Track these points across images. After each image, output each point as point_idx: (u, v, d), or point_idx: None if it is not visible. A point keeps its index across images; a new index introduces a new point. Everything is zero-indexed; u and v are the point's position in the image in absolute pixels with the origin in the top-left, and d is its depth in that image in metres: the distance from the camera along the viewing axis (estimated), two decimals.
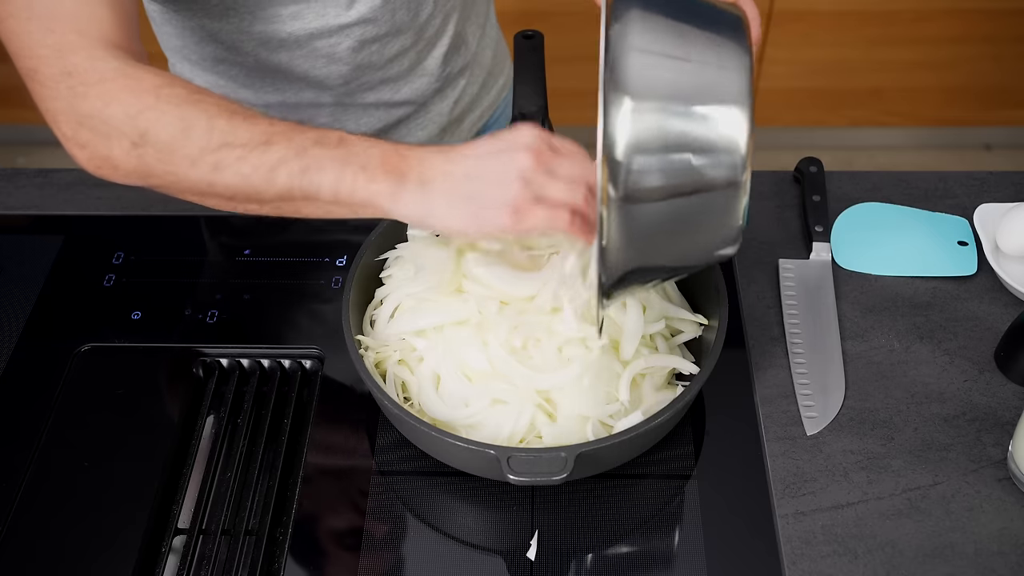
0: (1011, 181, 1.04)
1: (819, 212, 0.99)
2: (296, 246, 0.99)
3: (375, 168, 0.69)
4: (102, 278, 0.97)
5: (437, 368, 0.80)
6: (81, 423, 0.85)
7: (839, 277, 0.96)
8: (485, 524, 0.79)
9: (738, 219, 0.64)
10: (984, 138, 2.46)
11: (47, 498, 0.80)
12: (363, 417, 0.86)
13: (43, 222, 1.03)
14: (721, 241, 0.66)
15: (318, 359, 0.90)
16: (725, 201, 0.63)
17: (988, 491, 0.80)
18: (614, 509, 0.79)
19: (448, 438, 0.74)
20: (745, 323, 0.92)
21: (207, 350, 0.91)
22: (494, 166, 0.68)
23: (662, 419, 0.75)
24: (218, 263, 0.98)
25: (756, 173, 1.06)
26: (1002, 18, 2.11)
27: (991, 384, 0.87)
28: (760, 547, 0.77)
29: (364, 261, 0.86)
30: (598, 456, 0.75)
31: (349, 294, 0.83)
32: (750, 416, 0.85)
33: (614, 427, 0.77)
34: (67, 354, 0.90)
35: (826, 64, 2.21)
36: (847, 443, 0.83)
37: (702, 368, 0.78)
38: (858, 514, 0.78)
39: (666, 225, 0.64)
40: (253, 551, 0.78)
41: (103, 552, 0.77)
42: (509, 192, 0.67)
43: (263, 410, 0.87)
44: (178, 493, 0.82)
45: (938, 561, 0.76)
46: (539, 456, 0.72)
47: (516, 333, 0.79)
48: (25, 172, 1.08)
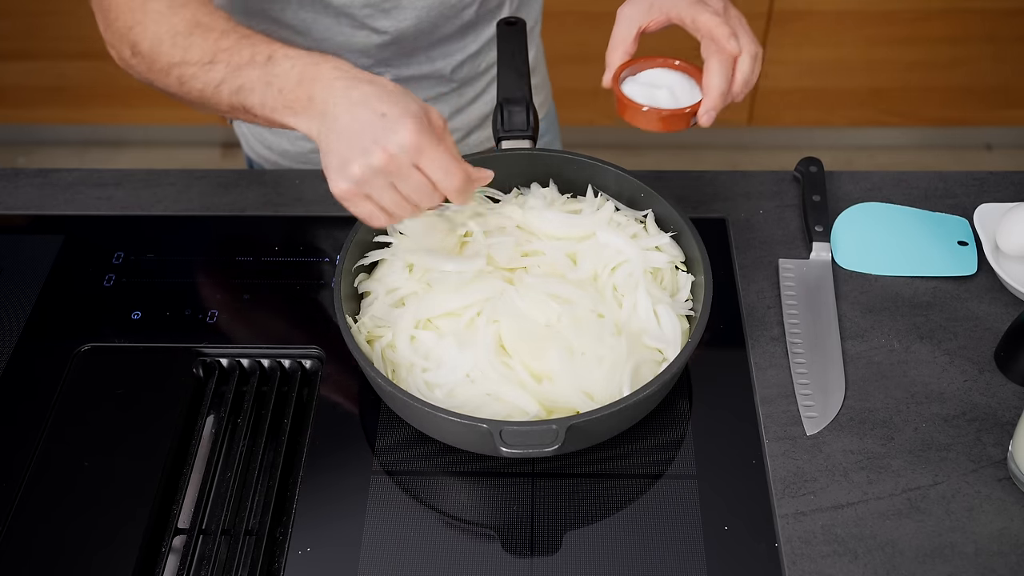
0: (1011, 181, 1.04)
1: (819, 212, 0.99)
2: (296, 246, 0.99)
3: (290, 91, 0.75)
4: (102, 278, 0.97)
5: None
6: (81, 423, 0.85)
7: (839, 277, 0.96)
8: (485, 524, 0.79)
9: None
10: (984, 138, 2.46)
11: (47, 498, 0.80)
12: (363, 417, 0.86)
13: (43, 222, 1.03)
14: None
15: (318, 359, 0.90)
16: None
17: (988, 491, 0.80)
18: (614, 510, 0.79)
19: (441, 413, 0.74)
20: (745, 323, 0.92)
21: (207, 350, 0.91)
22: (366, 133, 0.72)
23: (650, 391, 0.75)
24: (218, 263, 0.98)
25: (756, 173, 1.06)
26: (1002, 18, 2.11)
27: (991, 384, 0.87)
28: (760, 547, 0.77)
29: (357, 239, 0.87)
30: (589, 428, 0.75)
31: (343, 264, 0.84)
32: (750, 416, 0.85)
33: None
34: (67, 354, 0.90)
35: (826, 64, 2.21)
36: (847, 443, 0.83)
37: (691, 336, 0.79)
38: (858, 514, 0.78)
39: None
40: (253, 551, 0.78)
41: (103, 552, 0.77)
42: (353, 171, 0.72)
43: (263, 410, 0.87)
44: (178, 493, 0.82)
45: (938, 561, 0.76)
46: (531, 428, 0.72)
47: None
48: (25, 172, 1.09)
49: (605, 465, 0.82)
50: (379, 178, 0.73)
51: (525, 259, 0.87)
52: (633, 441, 0.83)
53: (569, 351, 0.80)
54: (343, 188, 0.74)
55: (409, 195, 0.74)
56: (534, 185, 0.94)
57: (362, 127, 0.72)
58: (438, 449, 0.83)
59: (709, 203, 1.03)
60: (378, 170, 0.72)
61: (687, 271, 0.88)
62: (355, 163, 0.72)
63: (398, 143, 0.72)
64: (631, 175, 0.91)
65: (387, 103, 0.73)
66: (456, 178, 0.74)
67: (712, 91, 0.82)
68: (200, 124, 2.49)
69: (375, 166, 0.72)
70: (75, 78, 2.34)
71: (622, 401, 0.75)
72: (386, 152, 0.72)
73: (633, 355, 0.80)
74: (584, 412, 0.75)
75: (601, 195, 0.93)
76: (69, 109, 2.42)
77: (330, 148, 0.74)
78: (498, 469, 0.82)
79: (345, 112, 0.73)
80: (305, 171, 1.08)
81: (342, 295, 0.83)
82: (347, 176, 0.73)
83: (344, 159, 0.73)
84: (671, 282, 0.88)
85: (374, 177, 0.73)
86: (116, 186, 1.07)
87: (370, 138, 0.72)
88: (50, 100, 2.40)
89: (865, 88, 2.26)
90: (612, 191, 0.93)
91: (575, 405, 0.78)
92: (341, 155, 0.73)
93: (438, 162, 0.73)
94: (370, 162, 0.72)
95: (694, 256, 0.86)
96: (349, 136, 0.72)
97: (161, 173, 1.08)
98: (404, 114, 0.72)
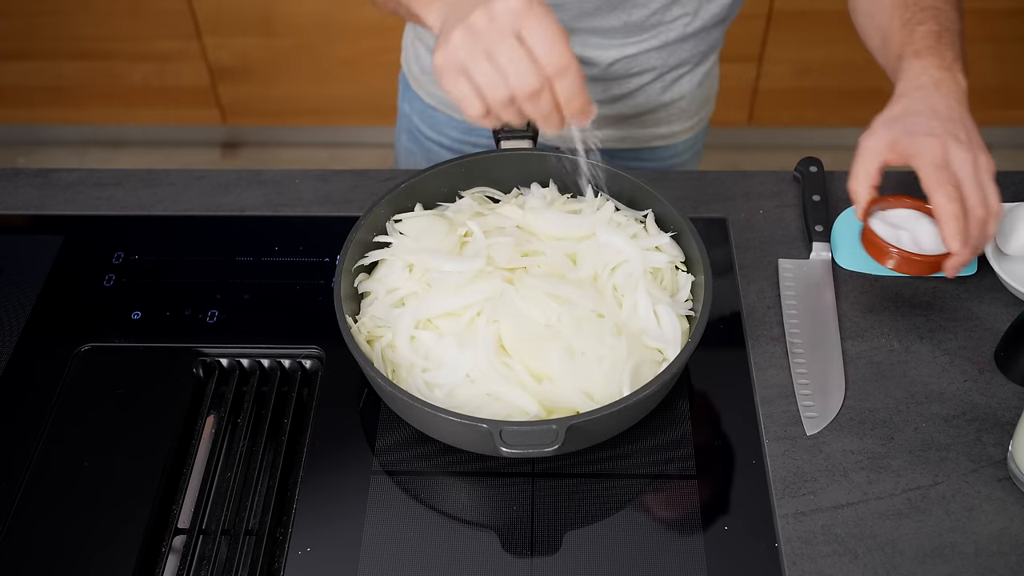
0: (1011, 181, 1.04)
1: (819, 212, 0.99)
2: (296, 246, 0.99)
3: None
4: (102, 278, 0.97)
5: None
6: (81, 423, 0.85)
7: (839, 277, 0.96)
8: (485, 524, 0.79)
9: None
10: (984, 138, 2.44)
11: (47, 498, 0.80)
12: (363, 417, 0.86)
13: (43, 222, 1.03)
14: None
15: (318, 359, 0.90)
16: None
17: (988, 491, 0.80)
18: (614, 510, 0.79)
19: (441, 413, 0.74)
20: (745, 323, 0.92)
21: (207, 350, 0.91)
22: (466, 8, 0.72)
23: (650, 391, 0.75)
24: (218, 263, 0.98)
25: (756, 173, 1.06)
26: (1002, 18, 2.11)
27: (991, 384, 0.87)
28: (760, 547, 0.77)
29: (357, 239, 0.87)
30: (589, 428, 0.75)
31: (343, 264, 0.84)
32: (750, 416, 0.85)
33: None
34: (67, 354, 0.90)
35: (826, 64, 2.21)
36: (847, 443, 0.83)
37: (691, 336, 0.79)
38: (858, 514, 0.78)
39: None
40: (253, 551, 0.78)
41: (103, 552, 0.77)
42: (453, 37, 0.72)
43: (263, 410, 0.87)
44: (178, 493, 0.82)
45: (938, 561, 0.76)
46: (531, 428, 0.72)
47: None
48: (25, 172, 1.09)
49: (605, 465, 0.82)
50: (478, 43, 0.71)
51: (525, 259, 0.87)
52: (633, 441, 0.83)
53: (569, 351, 0.80)
54: (440, 61, 0.72)
55: (505, 68, 0.71)
56: (534, 185, 0.94)
57: (468, 3, 0.72)
58: (438, 449, 0.83)
59: (709, 203, 1.03)
60: (478, 32, 0.71)
61: (687, 271, 0.88)
62: (456, 28, 0.71)
63: (503, 4, 0.70)
64: (631, 175, 0.91)
65: None
66: (560, 53, 0.71)
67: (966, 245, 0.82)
68: (200, 124, 2.49)
69: (475, 27, 0.70)
70: (75, 78, 2.34)
71: (622, 401, 0.75)
72: (488, 13, 0.70)
73: (633, 355, 0.80)
74: (584, 412, 0.75)
75: (601, 195, 0.93)
76: (69, 109, 2.43)
77: (446, 23, 0.73)
78: (498, 469, 0.82)
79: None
80: (305, 171, 1.08)
81: (342, 295, 0.83)
82: (446, 44, 0.72)
83: (448, 27, 0.72)
84: (671, 282, 0.88)
85: (473, 42, 0.71)
86: (116, 186, 1.07)
87: (476, 2, 0.71)
88: (50, 100, 2.40)
89: (865, 88, 2.25)
90: (612, 191, 0.93)
91: (575, 405, 0.78)
92: (448, 25, 0.72)
93: (541, 32, 0.71)
94: (470, 23, 0.71)
95: (694, 256, 0.86)
96: (460, 5, 0.72)
97: (161, 173, 1.08)
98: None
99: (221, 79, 2.34)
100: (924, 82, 0.85)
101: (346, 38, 2.25)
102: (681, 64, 1.12)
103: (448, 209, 0.92)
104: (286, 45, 2.27)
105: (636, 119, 1.20)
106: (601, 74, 1.11)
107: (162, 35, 2.24)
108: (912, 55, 0.87)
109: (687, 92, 1.18)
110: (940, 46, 0.87)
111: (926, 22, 0.89)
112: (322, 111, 2.43)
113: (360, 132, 2.53)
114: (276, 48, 2.27)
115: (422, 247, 0.87)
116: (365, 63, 2.28)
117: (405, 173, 1.05)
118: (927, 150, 0.81)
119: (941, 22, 0.89)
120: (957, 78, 0.86)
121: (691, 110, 1.22)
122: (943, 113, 0.83)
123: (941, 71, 0.85)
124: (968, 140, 0.82)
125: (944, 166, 0.81)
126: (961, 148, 0.81)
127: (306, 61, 2.30)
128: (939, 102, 0.84)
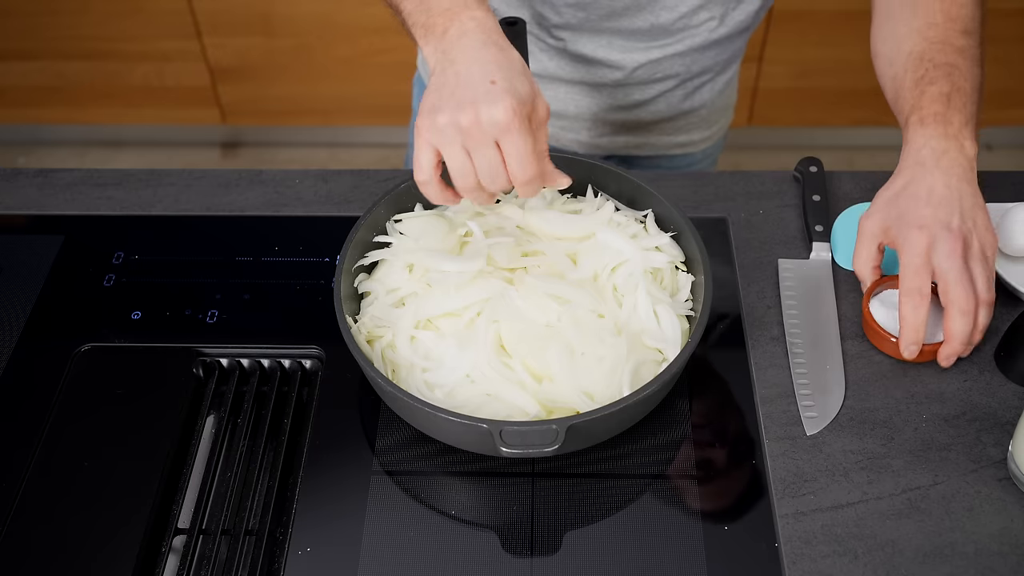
0: (1011, 181, 1.04)
1: (819, 212, 0.99)
2: (296, 246, 0.99)
3: (434, 16, 0.78)
4: (102, 278, 0.97)
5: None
6: (81, 423, 0.85)
7: (839, 277, 0.96)
8: (485, 524, 0.79)
9: None
10: (984, 138, 2.46)
11: (47, 498, 0.80)
12: (363, 417, 0.86)
13: (43, 222, 1.03)
14: None
15: (318, 359, 0.90)
16: None
17: (988, 491, 0.80)
18: (614, 510, 0.79)
19: (441, 413, 0.74)
20: (745, 323, 0.92)
21: (207, 350, 0.91)
22: (468, 91, 0.73)
23: (650, 391, 0.75)
24: (218, 263, 0.98)
25: (756, 173, 1.06)
26: (1002, 18, 2.12)
27: (991, 384, 0.87)
28: (760, 547, 0.77)
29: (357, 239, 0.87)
30: (589, 428, 0.75)
31: (343, 264, 0.84)
32: (750, 416, 0.85)
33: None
34: (67, 354, 0.90)
35: (826, 64, 2.21)
36: (847, 443, 0.83)
37: (691, 336, 0.80)
38: (858, 514, 0.78)
39: None
40: (253, 551, 0.78)
41: (103, 552, 0.77)
42: (439, 119, 0.73)
43: (263, 410, 0.87)
44: (178, 493, 0.82)
45: (938, 561, 0.76)
46: (531, 428, 0.72)
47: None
48: (25, 172, 1.09)
49: (605, 465, 0.82)
50: (457, 137, 0.73)
51: (525, 259, 0.87)
52: (633, 441, 0.83)
53: (569, 351, 0.80)
54: (421, 125, 0.75)
55: (478, 165, 0.75)
56: None
57: (468, 84, 0.73)
58: (438, 449, 0.83)
59: (709, 203, 1.03)
60: (461, 129, 0.73)
61: (687, 271, 0.89)
62: (444, 112, 0.73)
63: (490, 115, 0.72)
64: (631, 175, 0.91)
65: (502, 74, 0.73)
66: (528, 171, 0.75)
67: (953, 338, 0.82)
68: (200, 124, 2.49)
69: (460, 124, 0.73)
70: (75, 78, 2.34)
71: (622, 401, 0.75)
72: (476, 117, 0.72)
73: (633, 355, 0.80)
74: (584, 412, 0.75)
75: (601, 195, 0.93)
76: (69, 109, 2.43)
77: (434, 86, 0.75)
78: (498, 469, 0.82)
79: (463, 63, 0.74)
80: (305, 171, 1.08)
81: (342, 295, 0.83)
82: (431, 119, 0.74)
83: (438, 104, 0.74)
84: (671, 282, 0.88)
85: (454, 134, 0.73)
86: (116, 186, 1.07)
87: (469, 98, 0.73)
88: (50, 100, 2.40)
89: (865, 88, 2.25)
90: (612, 191, 0.93)
91: (575, 405, 0.78)
92: (439, 98, 0.74)
93: (519, 148, 0.73)
94: (457, 119, 0.73)
95: (694, 256, 0.86)
96: (454, 86, 0.73)
97: (161, 173, 1.08)
98: (509, 91, 0.72)
99: (221, 79, 2.34)
100: (925, 156, 0.84)
101: (346, 38, 2.25)
102: (704, 72, 1.13)
103: (448, 209, 0.92)
104: (286, 45, 2.27)
105: (655, 126, 1.20)
106: (624, 79, 1.11)
107: (162, 35, 2.24)
108: (917, 123, 0.86)
109: (708, 101, 1.18)
110: (949, 111, 0.85)
111: (938, 81, 0.87)
112: (322, 111, 2.43)
113: (360, 132, 2.53)
114: (276, 48, 2.27)
115: (422, 247, 0.87)
116: (365, 63, 2.28)
117: (405, 173, 1.05)
118: (912, 244, 0.82)
119: (954, 81, 0.86)
120: (964, 146, 0.85)
121: (711, 119, 1.22)
122: (939, 194, 0.83)
123: (946, 140, 0.84)
124: (960, 226, 0.82)
125: (923, 267, 0.82)
126: (949, 238, 0.81)
127: (306, 61, 2.30)
128: (938, 180, 0.83)
